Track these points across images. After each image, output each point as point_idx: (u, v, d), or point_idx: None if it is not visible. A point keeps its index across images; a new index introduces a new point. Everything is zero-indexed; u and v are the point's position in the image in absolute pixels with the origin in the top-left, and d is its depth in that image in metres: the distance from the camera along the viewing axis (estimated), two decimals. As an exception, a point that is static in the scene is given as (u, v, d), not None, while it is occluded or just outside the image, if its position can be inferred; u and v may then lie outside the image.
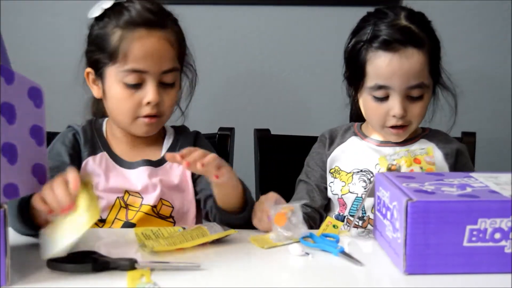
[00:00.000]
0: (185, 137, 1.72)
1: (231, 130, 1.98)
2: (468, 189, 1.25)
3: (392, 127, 1.67)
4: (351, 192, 1.70)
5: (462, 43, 2.48)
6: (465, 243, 1.19)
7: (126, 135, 1.67)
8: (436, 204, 1.18)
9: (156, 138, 1.70)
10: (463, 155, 1.74)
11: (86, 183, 1.21)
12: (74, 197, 1.20)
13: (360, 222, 1.66)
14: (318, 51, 2.45)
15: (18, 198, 1.30)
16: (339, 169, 1.74)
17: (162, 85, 1.59)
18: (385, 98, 1.65)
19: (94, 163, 1.63)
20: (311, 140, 1.85)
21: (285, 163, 1.92)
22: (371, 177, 1.68)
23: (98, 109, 1.74)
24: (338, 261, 1.28)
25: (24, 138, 1.15)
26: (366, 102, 1.69)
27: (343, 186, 1.72)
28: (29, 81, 1.17)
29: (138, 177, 1.62)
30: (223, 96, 2.51)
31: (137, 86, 1.57)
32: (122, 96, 1.58)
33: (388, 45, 1.61)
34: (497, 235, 1.19)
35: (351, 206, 1.70)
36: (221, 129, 1.97)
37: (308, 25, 2.46)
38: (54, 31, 2.39)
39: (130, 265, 1.21)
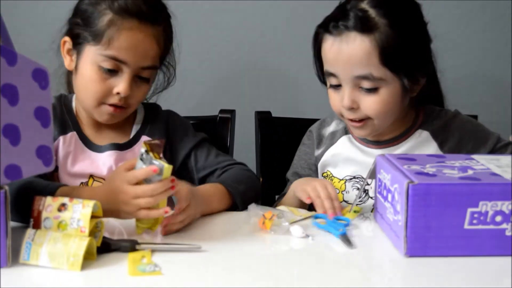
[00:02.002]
0: (155, 120, 1.67)
1: (232, 112, 1.98)
2: (470, 172, 1.25)
3: (350, 120, 1.57)
4: (345, 201, 1.65)
5: (462, 43, 2.46)
6: (466, 226, 1.19)
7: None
8: (437, 186, 1.18)
9: (125, 119, 1.65)
10: (457, 116, 1.66)
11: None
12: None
13: None
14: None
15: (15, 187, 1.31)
16: (331, 175, 1.70)
17: (136, 78, 1.55)
18: (338, 86, 1.56)
19: (64, 144, 1.59)
20: (312, 122, 1.84)
21: (286, 145, 1.92)
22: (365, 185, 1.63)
23: (70, 82, 1.67)
24: (339, 243, 1.29)
25: (28, 120, 1.15)
26: (328, 90, 1.61)
27: (338, 193, 1.65)
28: (34, 63, 1.16)
29: (105, 162, 1.59)
30: (224, 78, 2.50)
31: (112, 72, 1.52)
32: (93, 78, 1.53)
33: (334, 29, 1.51)
34: (498, 218, 1.19)
35: None
36: (222, 111, 1.97)
37: (308, 9, 2.44)
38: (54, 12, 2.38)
39: (131, 246, 1.21)
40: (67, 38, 1.57)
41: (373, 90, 1.52)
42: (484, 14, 2.48)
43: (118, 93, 1.53)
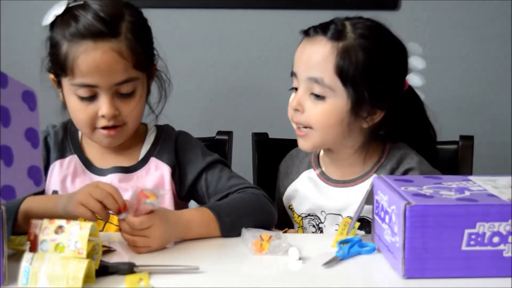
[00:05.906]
0: (165, 141, 1.64)
1: (229, 133, 1.97)
2: (467, 193, 1.25)
3: (296, 127, 1.59)
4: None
5: (461, 45, 2.47)
6: (464, 247, 1.19)
7: None
8: (435, 208, 1.18)
9: (135, 141, 1.63)
10: (413, 172, 1.57)
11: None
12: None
13: None
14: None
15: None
16: (293, 209, 1.71)
17: (119, 95, 1.51)
18: (297, 90, 1.57)
19: (61, 168, 1.59)
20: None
21: (283, 167, 1.91)
22: (319, 222, 1.65)
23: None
24: (337, 265, 1.28)
25: (19, 141, 1.16)
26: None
27: (298, 228, 1.70)
28: (23, 85, 1.18)
29: None
30: (221, 99, 2.50)
31: (91, 98, 1.50)
32: (77, 108, 1.52)
33: (312, 33, 1.58)
34: (496, 239, 1.19)
35: None
36: (219, 132, 1.97)
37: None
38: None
39: (129, 269, 1.21)
40: (52, 76, 1.57)
41: (320, 98, 1.53)
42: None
43: (103, 116, 1.50)
